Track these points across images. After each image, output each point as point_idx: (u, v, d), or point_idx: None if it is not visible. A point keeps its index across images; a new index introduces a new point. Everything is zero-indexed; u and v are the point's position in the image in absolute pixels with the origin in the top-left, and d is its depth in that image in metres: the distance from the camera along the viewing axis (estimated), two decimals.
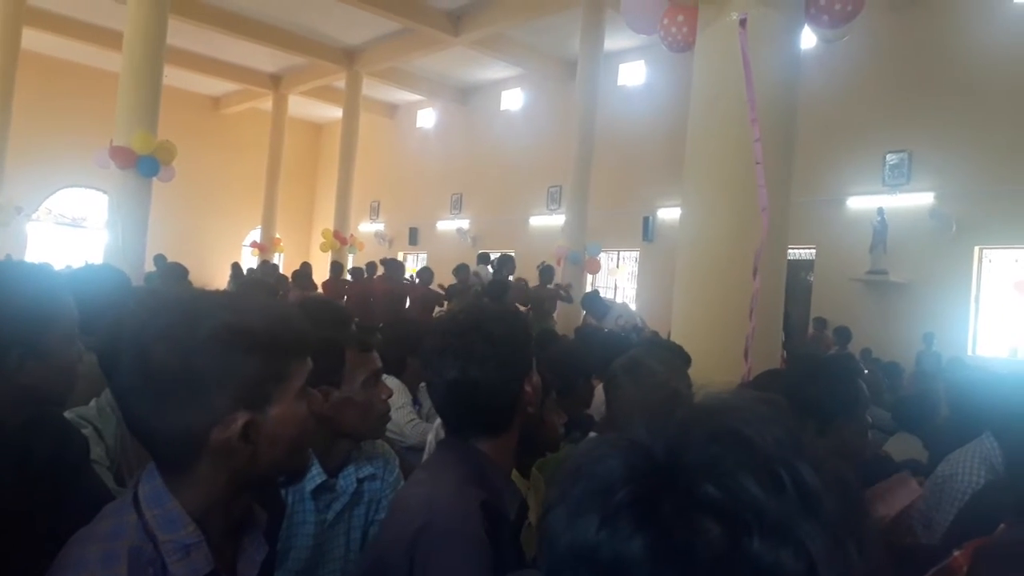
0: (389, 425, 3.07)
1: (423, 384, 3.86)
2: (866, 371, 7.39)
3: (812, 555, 0.46)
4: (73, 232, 18.11)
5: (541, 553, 0.55)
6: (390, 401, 1.80)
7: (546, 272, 9.22)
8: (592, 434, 2.26)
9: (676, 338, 4.08)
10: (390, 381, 2.96)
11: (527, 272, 10.07)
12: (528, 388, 1.46)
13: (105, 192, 11.21)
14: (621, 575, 0.48)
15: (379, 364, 1.78)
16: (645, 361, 2.15)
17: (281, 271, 12.71)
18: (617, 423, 2.14)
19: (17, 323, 1.26)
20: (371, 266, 10.81)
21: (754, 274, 3.75)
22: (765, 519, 0.46)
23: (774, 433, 0.50)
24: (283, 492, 1.66)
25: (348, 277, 11.34)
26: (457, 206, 17.96)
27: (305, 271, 10.98)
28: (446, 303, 9.06)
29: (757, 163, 3.74)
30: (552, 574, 0.52)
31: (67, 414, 1.82)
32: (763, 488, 0.47)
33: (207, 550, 0.94)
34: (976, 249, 10.07)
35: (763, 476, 0.47)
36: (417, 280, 9.66)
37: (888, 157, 10.70)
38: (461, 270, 9.45)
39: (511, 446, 1.48)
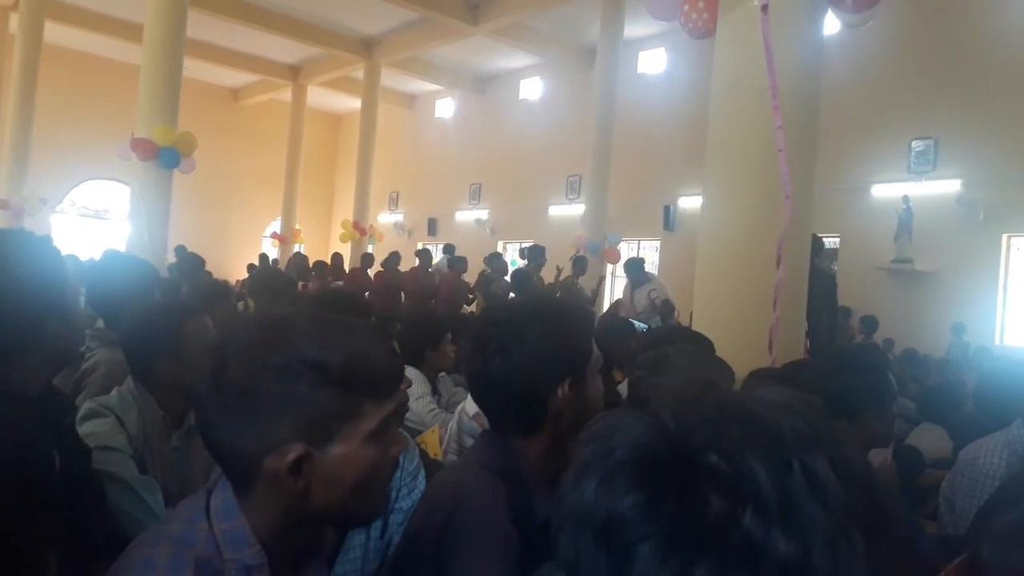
0: (410, 415, 3.09)
1: (442, 374, 3.87)
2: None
3: (808, 540, 0.45)
4: (96, 224, 18.33)
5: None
6: (410, 391, 1.80)
7: (579, 263, 9.19)
8: None
9: (698, 328, 4.05)
10: (409, 371, 2.97)
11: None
12: (559, 393, 1.37)
13: (127, 184, 11.32)
14: (613, 535, 0.48)
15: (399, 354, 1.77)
16: (672, 357, 2.12)
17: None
18: None
19: (45, 292, 1.29)
20: (394, 256, 10.78)
21: (778, 263, 3.70)
22: (762, 496, 0.46)
23: (795, 424, 0.49)
24: None
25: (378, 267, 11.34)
26: (476, 196, 17.95)
27: (336, 262, 11.23)
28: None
29: (780, 150, 3.69)
30: (556, 538, 0.53)
31: (89, 403, 1.83)
32: (767, 468, 0.47)
33: (268, 573, 0.93)
34: (1004, 237, 9.90)
35: (771, 458, 0.47)
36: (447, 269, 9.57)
37: (914, 144, 10.54)
38: (494, 259, 9.42)
39: (544, 449, 1.40)
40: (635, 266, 8.80)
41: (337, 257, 11.64)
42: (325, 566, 1.06)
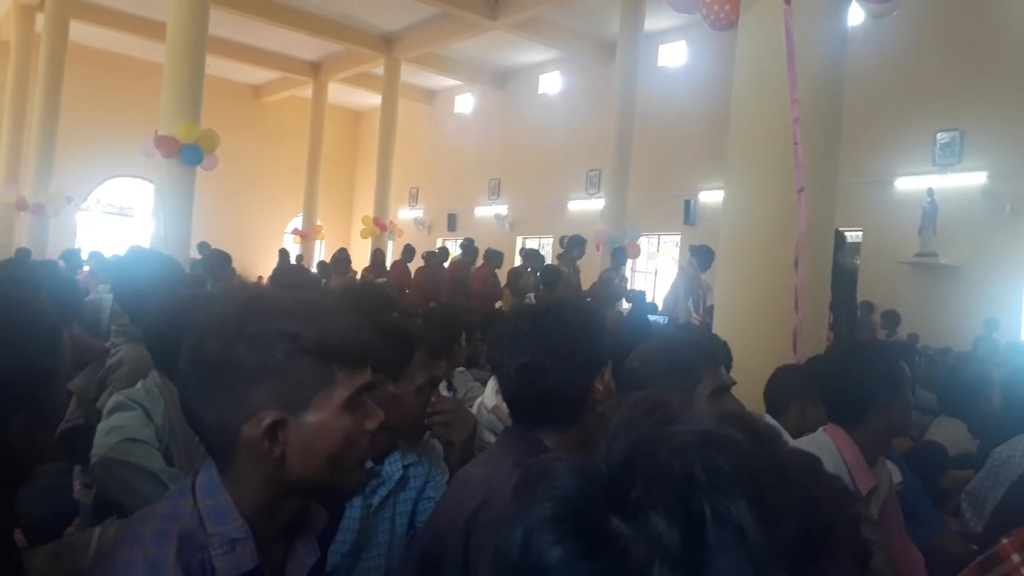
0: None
1: (459, 369, 3.87)
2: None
3: None
4: (121, 221, 18.53)
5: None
6: None
7: (618, 254, 9.09)
8: None
9: (719, 322, 4.03)
10: None
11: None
12: (599, 385, 1.40)
13: (151, 181, 11.44)
14: None
15: (441, 373, 1.77)
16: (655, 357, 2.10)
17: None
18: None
19: (23, 380, 1.04)
20: (443, 251, 10.66)
21: (796, 265, 3.67)
22: (668, 551, 0.45)
23: (713, 461, 0.48)
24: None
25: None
26: (495, 191, 17.94)
27: (377, 259, 11.16)
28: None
29: (795, 144, 3.66)
30: None
31: (116, 396, 1.86)
32: (671, 522, 0.46)
33: (252, 547, 0.94)
34: None
35: (677, 509, 0.46)
36: (481, 262, 9.43)
37: (939, 136, 10.38)
38: (531, 255, 9.40)
39: (575, 442, 1.41)
40: (707, 253, 7.57)
41: (379, 254, 11.52)
42: (315, 543, 1.06)
